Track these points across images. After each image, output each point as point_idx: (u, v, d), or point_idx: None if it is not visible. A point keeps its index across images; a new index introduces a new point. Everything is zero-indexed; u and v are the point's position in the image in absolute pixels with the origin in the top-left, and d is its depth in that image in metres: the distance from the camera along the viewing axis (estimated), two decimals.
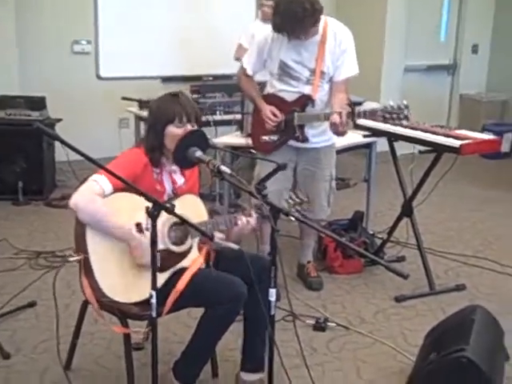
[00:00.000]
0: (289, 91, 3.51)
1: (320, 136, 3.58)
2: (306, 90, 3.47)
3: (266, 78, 3.69)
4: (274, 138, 3.58)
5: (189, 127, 2.52)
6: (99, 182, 2.37)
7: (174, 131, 2.49)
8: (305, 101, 3.48)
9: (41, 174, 5.41)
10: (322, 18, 3.37)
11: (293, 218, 2.35)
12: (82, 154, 1.93)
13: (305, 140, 3.55)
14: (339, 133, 3.38)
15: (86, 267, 2.38)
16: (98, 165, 2.03)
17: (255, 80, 3.70)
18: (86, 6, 6.59)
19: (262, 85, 3.76)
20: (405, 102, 3.27)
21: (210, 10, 7.10)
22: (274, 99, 3.56)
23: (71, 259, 2.41)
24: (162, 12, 6.96)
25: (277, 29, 3.33)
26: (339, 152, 3.93)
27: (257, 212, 2.53)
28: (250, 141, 3.87)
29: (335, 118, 3.26)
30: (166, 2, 6.94)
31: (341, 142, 3.83)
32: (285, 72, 3.49)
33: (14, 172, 5.30)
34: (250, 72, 3.60)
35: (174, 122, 2.50)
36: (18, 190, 5.25)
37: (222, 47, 6.13)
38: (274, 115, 3.50)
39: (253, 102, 3.70)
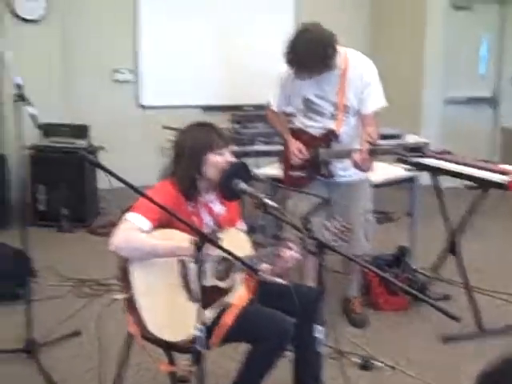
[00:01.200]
0: (314, 126, 3.49)
1: (350, 169, 3.49)
2: (331, 124, 3.44)
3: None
4: (302, 174, 3.56)
5: (227, 154, 2.52)
6: (135, 220, 2.35)
7: (216, 159, 2.48)
8: (330, 136, 3.45)
9: (84, 202, 5.51)
10: (342, 50, 3.33)
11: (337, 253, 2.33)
12: (125, 182, 1.92)
13: (331, 176, 3.52)
14: (361, 170, 3.36)
15: (130, 304, 2.36)
16: (141, 193, 2.01)
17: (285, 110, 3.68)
18: (127, 35, 6.74)
19: (291, 116, 3.75)
20: (424, 140, 3.23)
21: (251, 38, 7.18)
22: (300, 134, 3.55)
23: (116, 297, 2.41)
24: (202, 41, 7.05)
25: (290, 65, 3.28)
26: (380, 186, 3.89)
27: (301, 247, 2.51)
28: None
29: (355, 156, 3.25)
30: (206, 31, 7.05)
31: (381, 175, 3.78)
32: (309, 107, 3.47)
33: (58, 199, 5.41)
34: (275, 108, 3.60)
35: (213, 149, 2.49)
36: (62, 217, 5.35)
37: (264, 76, 6.13)
38: (300, 152, 3.49)
39: (281, 137, 3.69)
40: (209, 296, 2.39)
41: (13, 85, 2.98)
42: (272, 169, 4.53)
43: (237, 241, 2.52)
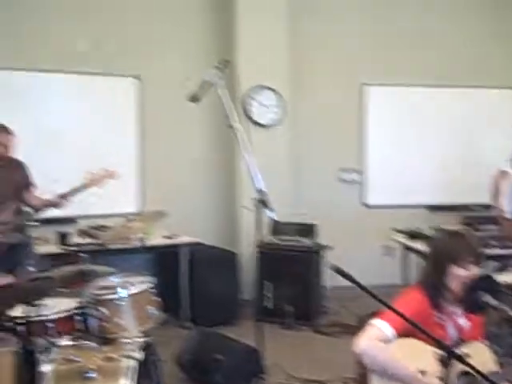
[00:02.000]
0: None
1: None
2: None
3: None
4: None
5: (474, 270, 2.43)
6: (380, 327, 2.35)
7: (458, 272, 2.43)
8: None
9: (309, 299, 5.55)
10: None
11: None
12: (370, 293, 1.93)
13: None
14: None
15: None
16: (387, 306, 2.00)
17: None
18: (353, 137, 6.92)
19: None
20: None
21: (472, 136, 7.01)
22: None
23: None
24: (426, 142, 7.03)
25: None
26: None
27: None
28: None
29: None
30: (427, 131, 7.01)
31: None
32: None
33: (283, 296, 5.49)
34: (509, 215, 3.38)
35: (458, 262, 2.43)
36: (287, 313, 5.43)
37: (488, 173, 5.86)
38: None
39: None
40: None
41: (255, 190, 3.14)
42: (508, 275, 4.24)
43: (480, 356, 2.42)
